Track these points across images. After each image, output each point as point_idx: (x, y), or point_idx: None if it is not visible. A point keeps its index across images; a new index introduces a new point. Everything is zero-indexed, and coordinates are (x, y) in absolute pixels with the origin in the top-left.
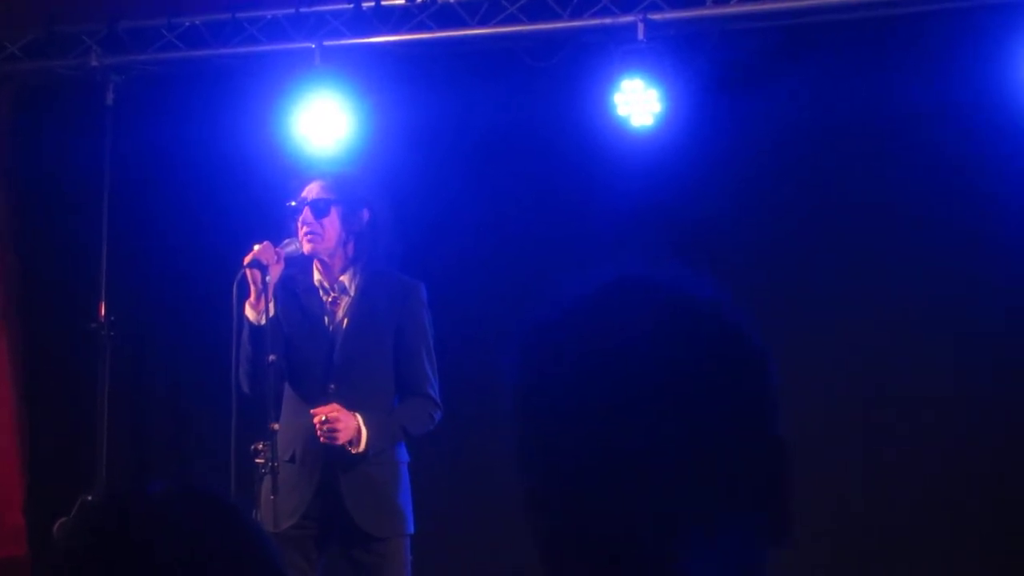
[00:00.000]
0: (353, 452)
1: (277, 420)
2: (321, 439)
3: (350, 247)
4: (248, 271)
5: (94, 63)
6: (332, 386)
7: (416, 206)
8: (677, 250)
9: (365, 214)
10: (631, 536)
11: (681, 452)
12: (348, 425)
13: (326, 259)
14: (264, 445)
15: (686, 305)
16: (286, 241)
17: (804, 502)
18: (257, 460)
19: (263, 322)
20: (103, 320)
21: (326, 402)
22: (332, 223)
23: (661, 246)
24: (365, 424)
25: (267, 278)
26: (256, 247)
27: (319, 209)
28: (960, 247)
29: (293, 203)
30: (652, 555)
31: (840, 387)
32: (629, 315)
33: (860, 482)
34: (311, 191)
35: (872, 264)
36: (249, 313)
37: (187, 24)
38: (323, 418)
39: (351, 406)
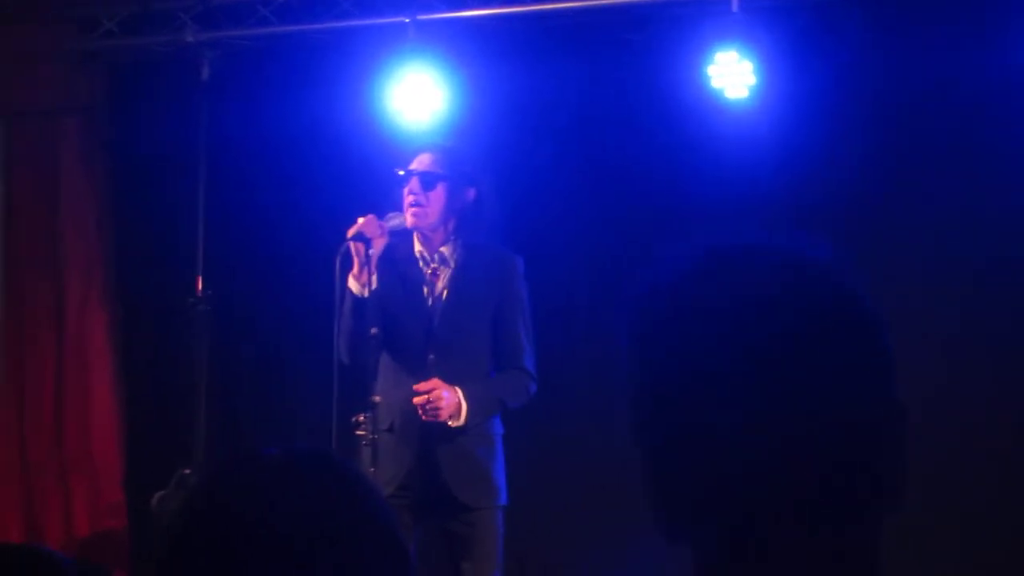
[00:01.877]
0: (452, 425)
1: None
2: (424, 418)
3: (451, 223)
4: (352, 244)
5: (189, 39)
6: (431, 356)
7: (511, 179)
8: (773, 224)
9: (471, 193)
10: (749, 500)
11: (797, 416)
12: (450, 401)
13: (428, 233)
14: (365, 417)
15: (798, 269)
16: (390, 215)
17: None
18: (358, 432)
19: (366, 294)
20: (201, 295)
21: (425, 373)
22: (438, 198)
23: (758, 219)
24: (465, 398)
25: (370, 251)
26: (360, 220)
27: (427, 182)
28: None
29: (401, 172)
30: (770, 519)
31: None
32: (741, 279)
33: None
34: (421, 162)
35: (973, 243)
36: (352, 285)
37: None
38: (426, 398)
39: (449, 377)
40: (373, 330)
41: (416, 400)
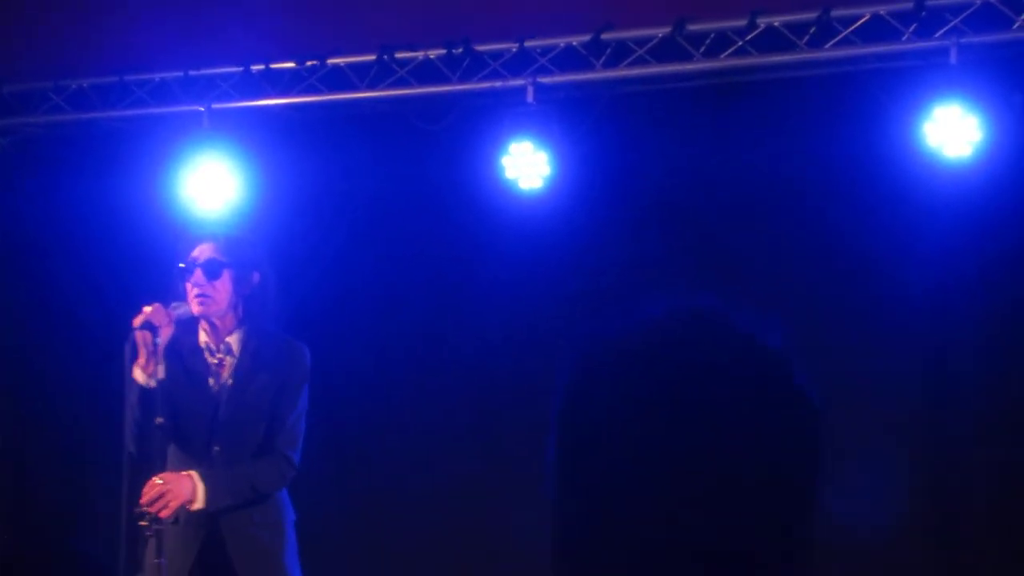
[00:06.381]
0: (194, 509)
1: None
2: (161, 515)
3: (240, 309)
4: (138, 333)
5: None
6: (216, 448)
7: (306, 267)
8: (563, 313)
9: (255, 276)
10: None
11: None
12: (180, 489)
13: (216, 321)
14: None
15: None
16: (175, 304)
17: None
18: (141, 523)
19: (152, 385)
20: None
21: (210, 463)
22: (224, 285)
23: (548, 308)
24: (201, 479)
25: (157, 340)
26: (146, 309)
27: (211, 271)
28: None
29: (183, 264)
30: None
31: None
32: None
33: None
34: (203, 252)
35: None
36: (138, 375)
37: (74, 87)
38: (151, 497)
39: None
40: (158, 420)
41: (143, 501)
